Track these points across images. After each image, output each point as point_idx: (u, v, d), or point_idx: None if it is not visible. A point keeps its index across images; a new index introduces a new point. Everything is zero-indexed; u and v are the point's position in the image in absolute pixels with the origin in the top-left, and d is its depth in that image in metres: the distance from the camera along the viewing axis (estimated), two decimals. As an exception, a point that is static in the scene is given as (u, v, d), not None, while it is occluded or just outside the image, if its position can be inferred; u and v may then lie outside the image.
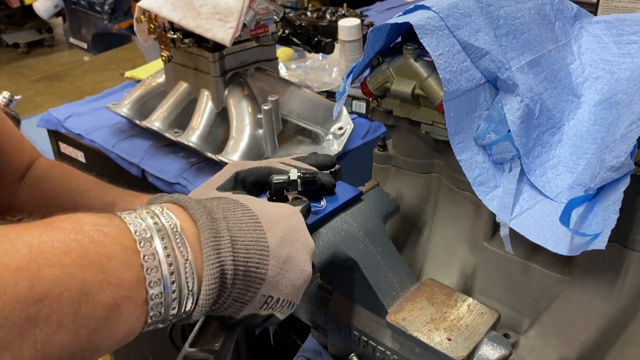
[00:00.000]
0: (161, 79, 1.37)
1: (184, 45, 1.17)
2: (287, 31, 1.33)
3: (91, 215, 0.36)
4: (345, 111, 1.27)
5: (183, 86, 1.29)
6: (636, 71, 0.66)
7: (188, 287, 0.38)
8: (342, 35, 1.45)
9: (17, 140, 0.75)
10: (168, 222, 0.38)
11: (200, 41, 1.18)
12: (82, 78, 4.77)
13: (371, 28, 0.64)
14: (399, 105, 0.69)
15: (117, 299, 0.34)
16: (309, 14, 1.83)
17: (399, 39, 0.69)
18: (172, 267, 0.37)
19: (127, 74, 1.67)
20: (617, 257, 0.60)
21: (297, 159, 0.66)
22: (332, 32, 1.61)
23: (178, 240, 0.38)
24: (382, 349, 0.62)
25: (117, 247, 0.35)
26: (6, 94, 1.19)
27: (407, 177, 0.76)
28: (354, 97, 1.33)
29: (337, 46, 1.48)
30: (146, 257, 0.36)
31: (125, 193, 0.71)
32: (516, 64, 0.64)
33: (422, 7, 0.63)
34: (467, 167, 0.62)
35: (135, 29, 1.26)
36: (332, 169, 0.68)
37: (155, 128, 1.26)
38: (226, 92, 1.22)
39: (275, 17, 1.22)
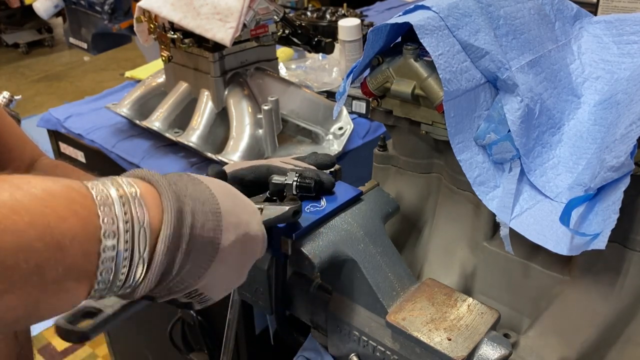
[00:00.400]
0: (161, 79, 1.37)
1: (184, 45, 1.17)
2: (287, 31, 1.33)
3: (59, 180, 0.37)
4: (345, 111, 1.27)
5: (183, 86, 1.29)
6: (636, 71, 0.66)
7: (140, 251, 0.38)
8: (342, 35, 1.45)
9: (18, 137, 0.75)
10: (129, 190, 0.39)
11: (200, 41, 1.18)
12: (82, 78, 4.77)
13: (371, 28, 0.64)
14: (399, 105, 0.69)
15: (70, 259, 0.34)
16: (309, 14, 1.83)
17: (399, 39, 0.69)
18: (127, 225, 0.37)
19: (127, 74, 1.67)
20: (617, 257, 0.60)
21: (297, 158, 0.66)
22: (332, 32, 1.61)
23: (137, 205, 0.38)
24: (382, 349, 0.62)
25: (77, 207, 0.36)
26: (6, 94, 1.19)
27: (407, 177, 0.76)
28: (354, 97, 1.33)
29: (337, 46, 1.48)
30: (105, 219, 0.36)
31: None
32: (516, 64, 0.64)
33: (422, 7, 0.63)
34: (467, 167, 0.62)
35: (135, 29, 1.26)
36: (332, 169, 0.68)
37: (155, 128, 1.26)
38: (226, 92, 1.22)
39: (275, 17, 1.22)
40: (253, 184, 0.63)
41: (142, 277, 0.39)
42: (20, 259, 0.32)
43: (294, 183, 0.59)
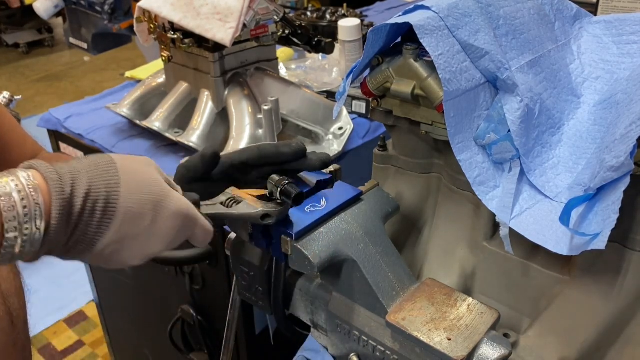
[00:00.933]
0: (161, 79, 1.37)
1: (184, 45, 1.17)
2: (287, 31, 1.33)
3: None
4: (345, 111, 1.27)
5: (183, 86, 1.29)
6: (636, 71, 0.66)
7: (36, 224, 0.43)
8: (342, 35, 1.45)
9: (19, 135, 0.76)
10: (25, 180, 0.44)
11: (200, 41, 1.18)
12: (82, 78, 4.77)
13: (371, 28, 0.64)
14: (399, 105, 0.69)
15: None
16: (309, 14, 1.83)
17: (399, 39, 0.69)
18: (24, 202, 0.42)
19: (127, 74, 1.67)
20: (617, 257, 0.60)
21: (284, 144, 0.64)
22: (332, 32, 1.61)
23: (31, 189, 0.43)
24: (382, 348, 0.62)
25: None
26: (6, 94, 1.19)
27: (407, 177, 0.76)
28: (354, 97, 1.33)
29: (337, 46, 1.48)
30: (2, 198, 0.42)
31: None
32: (516, 64, 0.65)
33: (422, 7, 0.63)
34: (467, 167, 0.62)
35: (135, 29, 1.26)
36: (332, 169, 0.68)
37: (155, 128, 1.26)
38: (226, 92, 1.22)
39: (275, 17, 1.22)
40: (245, 165, 0.62)
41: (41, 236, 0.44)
42: None
43: (279, 189, 0.58)
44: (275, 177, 0.58)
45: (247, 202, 0.58)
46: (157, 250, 0.52)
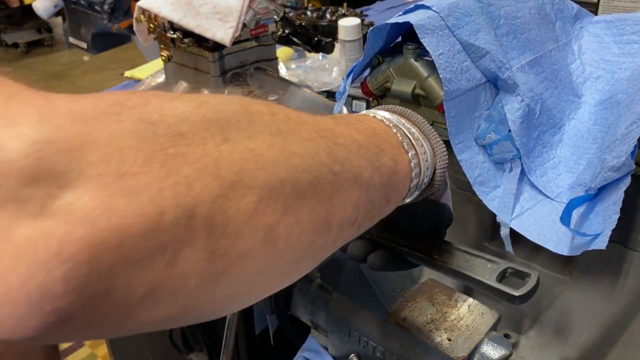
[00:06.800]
0: (161, 78, 1.37)
1: (183, 45, 1.17)
2: (287, 31, 1.32)
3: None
4: (345, 111, 1.27)
5: (183, 86, 1.29)
6: (637, 71, 0.66)
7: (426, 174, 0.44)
8: (342, 35, 1.44)
9: None
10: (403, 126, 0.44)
11: (200, 41, 1.18)
12: (82, 78, 4.77)
13: (371, 28, 0.63)
14: (400, 105, 0.69)
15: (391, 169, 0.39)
16: (309, 13, 1.82)
17: (399, 39, 0.69)
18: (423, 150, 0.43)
19: (127, 73, 1.67)
20: (617, 257, 0.60)
21: None
22: (332, 32, 1.61)
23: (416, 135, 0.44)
24: (382, 349, 0.62)
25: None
26: (6, 93, 1.19)
27: (407, 177, 0.76)
28: (354, 97, 1.33)
29: (337, 46, 1.48)
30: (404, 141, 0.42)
31: None
32: (517, 63, 0.64)
33: (423, 6, 0.63)
34: (468, 167, 0.62)
35: (135, 28, 1.26)
36: None
37: (155, 128, 1.25)
38: (226, 92, 1.22)
39: (275, 17, 1.22)
40: None
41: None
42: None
43: None
44: None
45: None
46: None
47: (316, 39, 1.38)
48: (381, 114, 0.44)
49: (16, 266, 0.20)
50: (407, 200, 0.45)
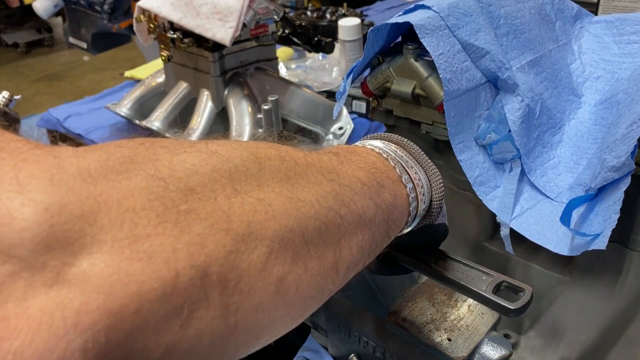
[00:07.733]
0: (161, 78, 1.37)
1: (183, 45, 1.17)
2: (287, 31, 1.32)
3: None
4: (345, 111, 1.27)
5: (183, 86, 1.29)
6: (637, 71, 0.66)
7: (424, 201, 0.44)
8: (342, 35, 1.44)
9: None
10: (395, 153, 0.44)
11: (200, 41, 1.18)
12: (82, 78, 4.77)
13: (371, 28, 0.63)
14: (399, 105, 0.69)
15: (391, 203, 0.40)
16: (309, 13, 1.82)
17: (399, 39, 0.69)
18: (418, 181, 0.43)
19: (127, 73, 1.67)
20: (617, 257, 0.60)
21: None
22: (332, 31, 1.61)
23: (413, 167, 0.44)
24: (382, 349, 0.62)
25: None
26: (6, 93, 1.19)
27: (407, 177, 0.76)
28: (354, 97, 1.33)
29: (337, 46, 1.48)
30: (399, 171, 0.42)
31: None
32: (517, 63, 0.64)
33: (423, 6, 0.63)
34: (468, 167, 0.62)
35: (135, 28, 1.26)
36: None
37: (155, 128, 1.25)
38: (226, 92, 1.22)
39: (275, 17, 1.22)
40: None
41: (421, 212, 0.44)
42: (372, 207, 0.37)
43: None
44: None
45: None
46: None
47: (316, 39, 1.38)
48: (379, 145, 0.44)
49: (32, 341, 0.20)
50: (405, 231, 0.45)
